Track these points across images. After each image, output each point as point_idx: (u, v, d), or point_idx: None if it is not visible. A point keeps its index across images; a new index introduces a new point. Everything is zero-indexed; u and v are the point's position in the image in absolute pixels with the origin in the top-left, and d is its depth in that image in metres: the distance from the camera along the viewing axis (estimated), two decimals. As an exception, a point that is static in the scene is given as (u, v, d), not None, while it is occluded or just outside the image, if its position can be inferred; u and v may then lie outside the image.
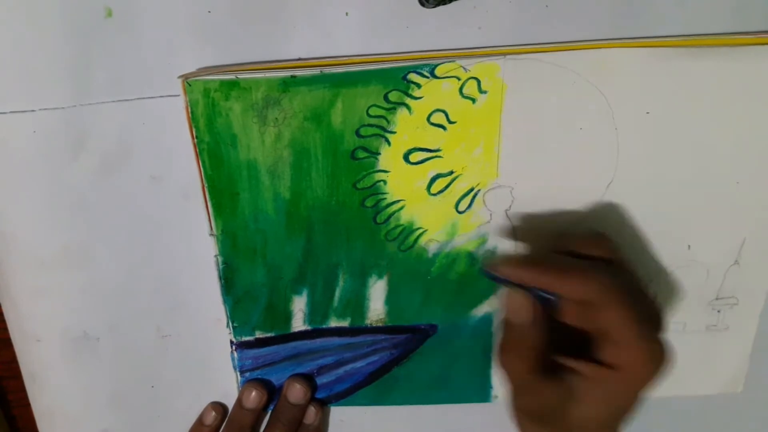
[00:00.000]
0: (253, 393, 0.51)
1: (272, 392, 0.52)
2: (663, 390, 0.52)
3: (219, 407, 0.53)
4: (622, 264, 0.42)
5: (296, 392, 0.51)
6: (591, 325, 0.40)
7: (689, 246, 0.48)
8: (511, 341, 0.42)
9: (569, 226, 0.46)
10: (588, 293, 0.39)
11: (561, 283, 0.40)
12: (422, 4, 0.41)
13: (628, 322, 0.39)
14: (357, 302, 0.49)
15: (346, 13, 0.42)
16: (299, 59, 0.42)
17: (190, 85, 0.42)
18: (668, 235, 0.47)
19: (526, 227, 0.47)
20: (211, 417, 0.52)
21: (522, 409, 0.42)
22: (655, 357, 0.39)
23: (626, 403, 0.41)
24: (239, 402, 0.51)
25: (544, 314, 0.41)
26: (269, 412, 0.53)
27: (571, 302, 0.41)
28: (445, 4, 0.41)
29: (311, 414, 0.52)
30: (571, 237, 0.43)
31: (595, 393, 0.40)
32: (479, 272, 0.45)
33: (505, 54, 0.42)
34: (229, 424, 0.52)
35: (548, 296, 0.41)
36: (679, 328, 0.50)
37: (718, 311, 0.50)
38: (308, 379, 0.52)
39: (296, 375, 0.51)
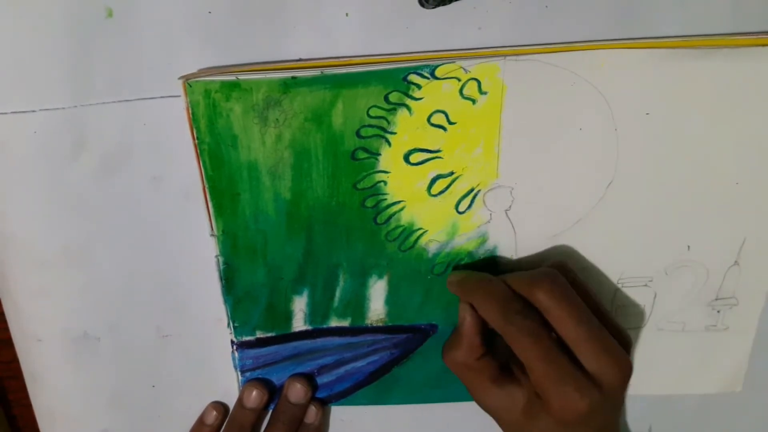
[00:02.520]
0: (254, 393, 0.51)
1: (273, 392, 0.52)
2: (663, 389, 0.52)
3: (220, 407, 0.53)
4: (550, 312, 0.42)
5: (297, 392, 0.51)
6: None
7: (689, 246, 0.48)
8: (451, 341, 0.47)
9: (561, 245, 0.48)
10: (497, 326, 0.43)
11: (478, 307, 0.44)
12: (422, 5, 0.41)
13: (534, 362, 0.41)
14: (357, 302, 0.49)
15: (346, 14, 0.42)
16: (299, 60, 0.42)
17: (190, 86, 0.42)
18: (668, 236, 0.47)
19: (526, 227, 0.47)
20: (212, 417, 0.52)
21: (481, 407, 0.47)
22: (564, 398, 0.41)
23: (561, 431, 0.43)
24: (240, 402, 0.51)
25: (480, 323, 0.45)
26: (270, 411, 0.53)
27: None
28: (445, 4, 0.41)
29: (312, 413, 0.52)
30: (517, 277, 0.44)
31: (530, 409, 0.44)
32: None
33: (505, 55, 0.42)
34: (229, 424, 0.52)
35: None
36: (679, 327, 0.50)
37: (718, 311, 0.50)
38: (309, 378, 0.52)
39: (297, 375, 0.52)
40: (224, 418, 0.53)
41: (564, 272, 0.44)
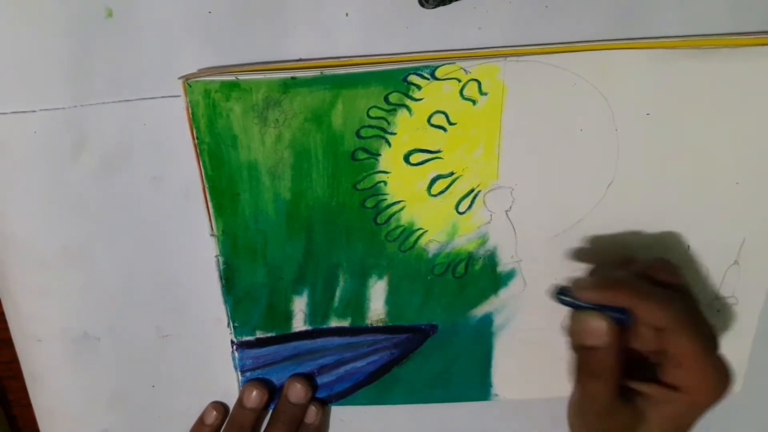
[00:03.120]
0: (254, 392, 0.51)
1: (273, 392, 0.52)
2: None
3: (220, 407, 0.53)
4: (687, 290, 0.43)
5: (297, 392, 0.51)
6: (659, 348, 0.41)
7: (689, 246, 0.48)
8: (591, 365, 0.42)
9: (635, 249, 0.47)
10: (664, 319, 0.40)
11: (641, 306, 0.41)
12: (422, 5, 0.41)
13: (696, 348, 0.40)
14: (357, 302, 0.49)
15: (346, 14, 0.42)
16: (299, 60, 0.42)
17: (190, 86, 0.42)
18: (668, 236, 0.47)
19: (526, 227, 0.47)
20: (212, 416, 0.53)
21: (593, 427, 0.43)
22: (721, 378, 0.41)
23: (690, 422, 0.42)
24: (240, 402, 0.51)
25: (620, 336, 0.41)
26: (270, 411, 0.53)
27: (645, 326, 0.41)
28: (445, 4, 0.41)
29: (312, 413, 0.52)
30: (641, 262, 0.44)
31: (662, 414, 0.42)
32: (553, 297, 0.43)
33: (505, 56, 0.42)
34: (229, 424, 0.52)
35: (621, 318, 0.41)
36: (679, 327, 0.51)
37: (718, 311, 0.50)
38: (309, 378, 0.52)
39: (297, 375, 0.52)
40: (224, 418, 0.53)
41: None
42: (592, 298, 0.42)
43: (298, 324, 0.50)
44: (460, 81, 0.42)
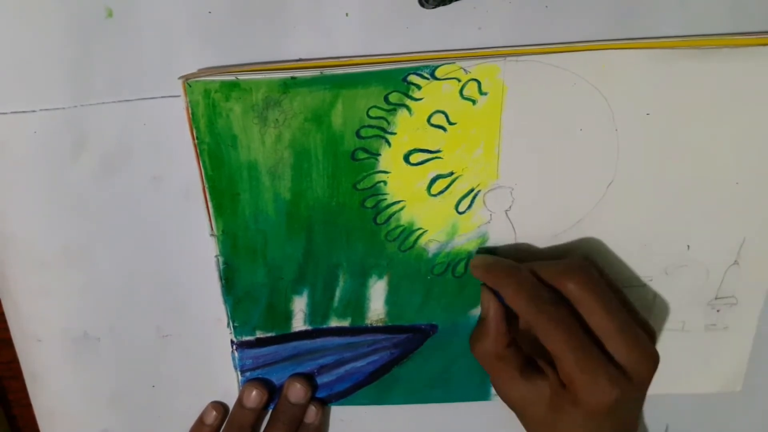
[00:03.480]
0: (254, 392, 0.51)
1: (273, 392, 0.52)
2: (662, 388, 0.52)
3: (219, 407, 0.53)
4: (581, 303, 0.42)
5: (297, 392, 0.51)
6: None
7: (689, 246, 0.48)
8: (478, 331, 0.46)
9: (560, 249, 0.48)
10: (527, 315, 0.42)
11: (507, 297, 0.43)
12: (422, 5, 0.41)
13: (565, 351, 0.41)
14: (357, 302, 0.49)
15: (346, 14, 0.42)
16: (299, 60, 0.42)
17: (190, 86, 0.42)
18: (668, 235, 0.47)
19: (526, 227, 0.47)
20: (212, 416, 0.52)
21: (504, 399, 0.46)
22: (594, 388, 0.40)
23: (581, 428, 0.42)
24: (240, 401, 0.52)
25: (505, 312, 0.44)
26: (269, 411, 0.53)
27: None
28: (445, 4, 0.41)
29: (312, 413, 0.52)
30: (547, 266, 0.44)
31: (553, 402, 0.43)
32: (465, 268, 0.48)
33: (505, 56, 0.42)
34: (229, 424, 0.52)
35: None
36: (679, 327, 0.51)
37: (718, 311, 0.50)
38: (308, 378, 0.52)
39: (296, 374, 0.52)
40: (224, 418, 0.53)
41: (593, 265, 0.44)
42: (476, 276, 0.46)
43: (298, 324, 0.50)
44: (459, 81, 0.42)
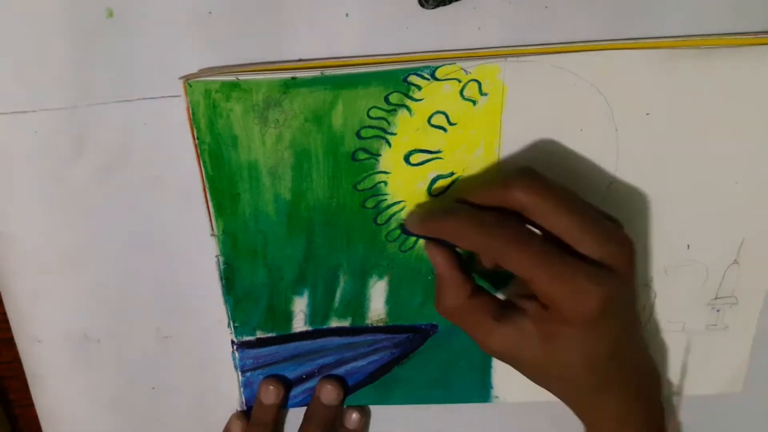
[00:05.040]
0: (270, 388, 0.51)
1: (288, 387, 0.52)
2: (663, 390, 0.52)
3: (243, 416, 0.53)
4: (535, 209, 0.39)
5: (329, 393, 0.51)
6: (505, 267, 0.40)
7: (688, 245, 0.48)
8: (436, 290, 0.43)
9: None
10: (479, 247, 0.40)
11: (453, 238, 0.41)
12: (422, 5, 0.41)
13: (532, 268, 0.38)
14: (358, 303, 0.49)
15: (346, 14, 0.42)
16: (300, 60, 0.42)
17: (191, 87, 0.42)
18: (668, 235, 0.47)
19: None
20: (238, 427, 0.52)
21: (491, 352, 0.43)
22: (577, 293, 0.38)
23: (572, 342, 0.40)
24: (259, 400, 0.52)
25: (456, 260, 0.42)
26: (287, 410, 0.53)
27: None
28: (445, 4, 0.41)
29: (355, 420, 0.53)
30: (485, 186, 0.41)
31: (541, 332, 0.40)
32: (401, 231, 0.46)
33: (505, 56, 0.42)
34: (252, 424, 0.52)
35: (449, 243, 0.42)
36: (679, 327, 0.50)
37: (718, 311, 0.50)
38: (340, 380, 0.52)
39: (328, 376, 0.52)
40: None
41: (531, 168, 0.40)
42: (415, 231, 0.43)
43: (299, 324, 0.50)
44: (460, 81, 0.42)
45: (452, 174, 0.45)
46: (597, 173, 0.45)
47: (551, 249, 0.38)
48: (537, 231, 0.40)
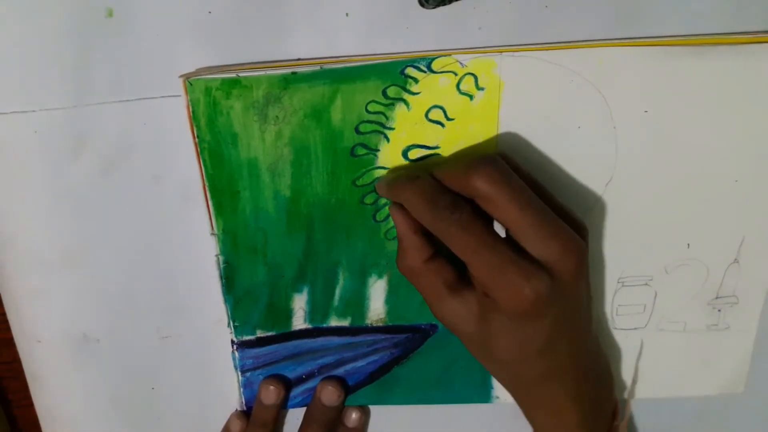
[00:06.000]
0: (271, 388, 0.51)
1: (288, 387, 0.52)
2: (662, 391, 0.52)
3: (243, 415, 0.53)
4: (489, 199, 0.39)
5: (329, 394, 0.51)
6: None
7: (689, 245, 0.47)
8: (399, 249, 0.43)
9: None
10: (427, 223, 0.40)
11: (408, 206, 0.41)
12: (422, 5, 0.41)
13: (471, 255, 0.39)
14: (357, 301, 0.49)
15: (346, 14, 0.42)
16: (299, 59, 0.43)
17: (191, 85, 0.42)
18: (667, 234, 0.47)
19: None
20: (238, 425, 0.53)
21: (439, 319, 0.44)
22: (509, 288, 0.38)
23: (513, 335, 0.41)
24: (259, 400, 0.51)
25: (417, 225, 0.42)
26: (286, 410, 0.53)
27: None
28: (445, 4, 0.41)
29: (355, 418, 0.53)
30: (451, 167, 0.41)
31: (482, 313, 0.41)
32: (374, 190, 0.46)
33: (501, 51, 0.42)
34: (252, 424, 0.52)
35: None
36: (679, 327, 0.50)
37: (719, 310, 0.50)
38: (341, 381, 0.52)
39: (329, 377, 0.52)
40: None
41: (504, 159, 0.41)
42: (381, 194, 0.45)
43: (299, 322, 0.50)
44: (456, 74, 0.42)
45: (451, 170, 0.45)
46: (595, 171, 0.45)
47: (491, 239, 0.39)
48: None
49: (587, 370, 0.45)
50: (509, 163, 0.41)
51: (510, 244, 0.39)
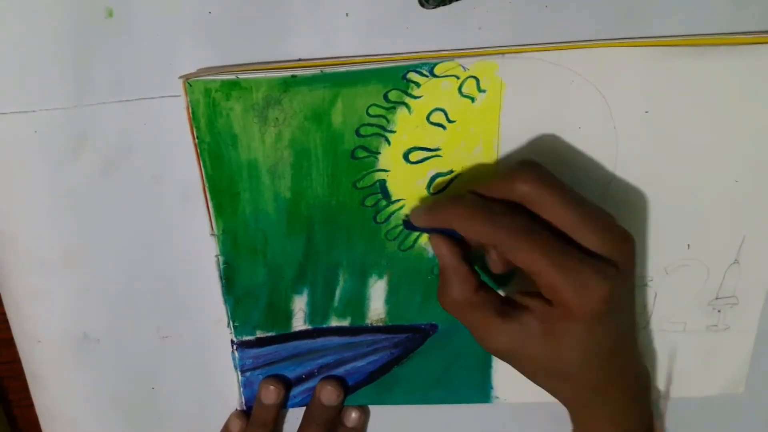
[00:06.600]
0: (271, 388, 0.51)
1: (288, 387, 0.52)
2: (662, 391, 0.52)
3: (243, 415, 0.53)
4: (539, 201, 0.39)
5: (329, 394, 0.51)
6: (512, 263, 0.40)
7: (689, 245, 0.47)
8: (441, 284, 0.42)
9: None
10: (485, 235, 0.39)
11: (459, 225, 0.40)
12: (422, 5, 0.41)
13: (536, 258, 0.38)
14: (357, 302, 0.49)
15: (346, 14, 0.42)
16: (299, 60, 0.43)
17: (191, 86, 0.42)
18: (668, 234, 0.47)
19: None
20: (237, 425, 0.53)
21: (492, 350, 0.42)
22: (584, 287, 0.38)
23: (577, 336, 0.40)
24: (259, 400, 0.52)
25: (462, 253, 0.42)
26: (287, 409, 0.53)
27: (480, 243, 0.41)
28: (445, 4, 0.41)
29: (354, 418, 0.53)
30: (492, 180, 0.41)
31: (546, 329, 0.40)
32: (404, 227, 0.46)
33: (503, 53, 0.42)
34: (252, 424, 0.52)
35: (456, 235, 0.42)
36: (679, 328, 0.50)
37: (719, 311, 0.50)
38: (340, 381, 0.52)
39: (328, 377, 0.52)
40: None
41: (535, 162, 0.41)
42: (421, 224, 0.43)
43: (298, 323, 0.50)
44: (458, 78, 0.42)
45: (451, 172, 0.45)
46: (596, 172, 0.45)
47: (558, 241, 0.38)
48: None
49: (638, 375, 0.45)
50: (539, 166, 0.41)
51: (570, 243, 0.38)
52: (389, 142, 0.44)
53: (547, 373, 0.42)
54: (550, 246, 0.38)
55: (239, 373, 0.51)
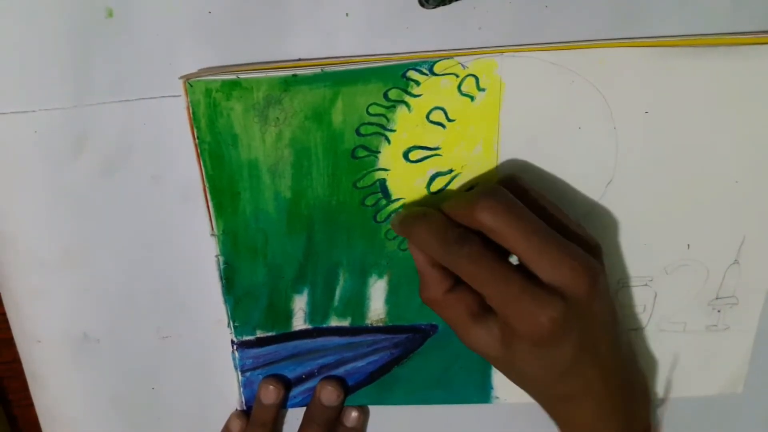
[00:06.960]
0: (270, 388, 0.51)
1: (288, 387, 0.52)
2: (662, 391, 0.52)
3: (243, 415, 0.53)
4: (497, 231, 0.40)
5: (329, 394, 0.51)
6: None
7: (689, 245, 0.48)
8: (419, 282, 0.44)
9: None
10: (440, 258, 0.41)
11: (419, 245, 0.43)
12: (422, 5, 0.41)
13: (483, 287, 0.40)
14: (357, 302, 0.49)
15: (346, 14, 0.42)
16: (299, 60, 0.43)
17: (191, 86, 0.42)
18: (667, 235, 0.47)
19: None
20: (237, 425, 0.53)
21: (470, 348, 0.44)
22: (524, 315, 0.39)
23: (539, 361, 0.41)
24: (259, 400, 0.52)
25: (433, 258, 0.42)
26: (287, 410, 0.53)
27: None
28: (445, 4, 0.41)
29: (354, 418, 0.53)
30: (455, 202, 0.42)
31: (505, 339, 0.41)
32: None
33: (503, 53, 0.42)
34: (251, 424, 0.52)
35: None
36: (679, 328, 0.50)
37: (718, 311, 0.50)
38: (340, 381, 0.52)
39: (328, 377, 0.52)
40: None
41: (513, 186, 0.42)
42: (395, 231, 0.45)
43: (299, 323, 0.50)
44: (458, 76, 0.42)
45: (451, 171, 0.45)
46: (595, 172, 0.45)
47: (503, 270, 0.40)
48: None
49: (620, 388, 0.44)
50: (518, 185, 0.42)
51: (523, 273, 0.40)
52: (389, 141, 0.44)
53: (515, 377, 0.44)
54: (495, 275, 0.39)
55: (239, 373, 0.51)
